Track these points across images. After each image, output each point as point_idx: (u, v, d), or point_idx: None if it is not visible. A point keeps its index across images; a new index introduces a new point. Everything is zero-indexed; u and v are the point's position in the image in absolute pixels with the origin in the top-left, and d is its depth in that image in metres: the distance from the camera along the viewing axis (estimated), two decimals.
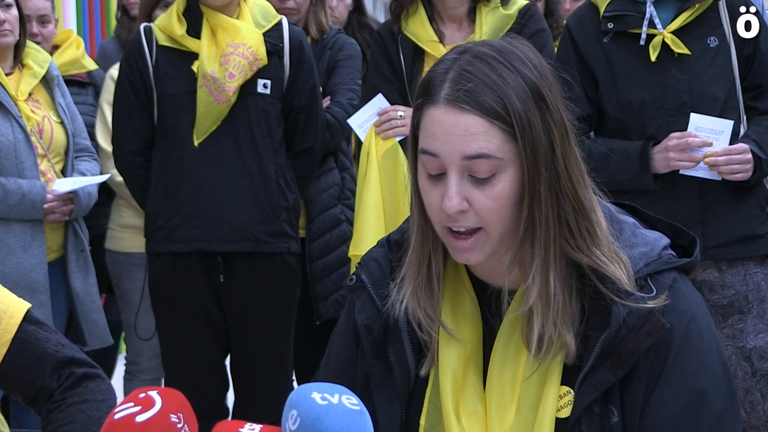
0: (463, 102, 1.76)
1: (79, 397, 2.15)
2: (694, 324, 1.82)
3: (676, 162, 3.60)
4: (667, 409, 1.78)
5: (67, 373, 2.18)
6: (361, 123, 4.09)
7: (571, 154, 1.81)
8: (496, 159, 1.76)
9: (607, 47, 3.70)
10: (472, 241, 1.80)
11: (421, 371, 1.89)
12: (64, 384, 2.17)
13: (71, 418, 2.12)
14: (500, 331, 1.86)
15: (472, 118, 1.76)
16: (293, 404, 1.58)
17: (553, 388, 1.80)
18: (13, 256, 4.04)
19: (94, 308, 4.26)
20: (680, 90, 3.64)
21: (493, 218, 1.78)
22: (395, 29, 4.04)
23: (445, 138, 1.77)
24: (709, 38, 3.67)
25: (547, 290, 1.80)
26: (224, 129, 4.05)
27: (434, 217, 1.83)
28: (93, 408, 2.13)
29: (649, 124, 3.66)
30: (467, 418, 1.84)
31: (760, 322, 3.70)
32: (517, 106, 1.75)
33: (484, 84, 1.76)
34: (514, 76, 1.77)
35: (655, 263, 1.83)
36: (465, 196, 1.77)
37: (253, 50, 4.04)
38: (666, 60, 3.65)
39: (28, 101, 4.26)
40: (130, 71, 4.13)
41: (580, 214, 1.80)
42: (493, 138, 1.76)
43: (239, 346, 4.15)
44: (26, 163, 4.14)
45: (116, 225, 4.82)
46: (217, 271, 4.08)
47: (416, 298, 1.87)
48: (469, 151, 1.76)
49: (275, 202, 4.09)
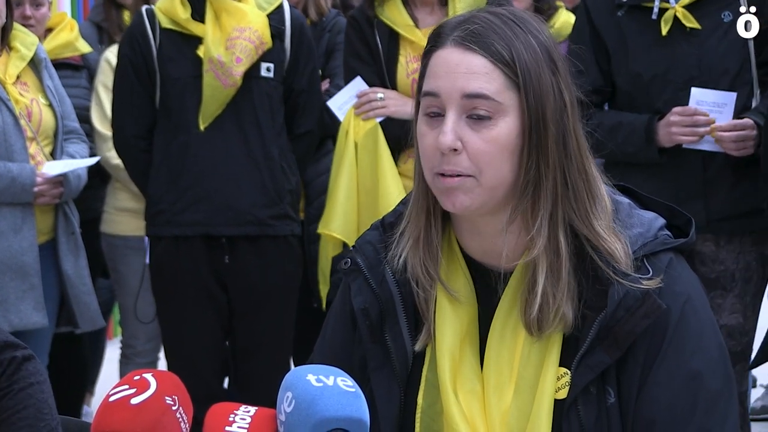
0: (470, 41, 1.78)
1: (24, 382, 2.18)
2: (690, 305, 1.82)
3: (679, 136, 3.63)
4: (663, 390, 1.79)
5: (9, 358, 2.20)
6: (341, 105, 4.14)
7: (579, 125, 1.82)
8: (495, 102, 1.77)
9: (620, 21, 3.73)
10: (459, 180, 1.78)
11: (416, 346, 1.89)
12: (7, 370, 2.19)
13: (22, 404, 2.16)
14: (498, 308, 1.86)
15: (476, 58, 1.78)
16: (288, 386, 1.58)
17: (551, 368, 1.80)
18: (3, 240, 4.02)
19: (85, 290, 4.26)
20: (689, 64, 3.66)
21: (486, 164, 1.78)
22: (370, 14, 4.05)
23: (447, 75, 1.79)
24: (723, 13, 3.69)
25: (556, 247, 1.79)
26: (229, 113, 4.07)
27: (428, 163, 1.81)
28: (39, 390, 2.18)
29: (658, 98, 3.69)
30: (465, 396, 1.84)
31: (738, 302, 3.73)
32: (523, 57, 1.77)
33: (494, 31, 1.79)
34: (525, 35, 1.80)
35: (651, 244, 1.83)
36: (460, 137, 1.78)
37: (258, 34, 4.05)
38: (677, 34, 3.68)
39: (16, 84, 4.23)
40: (133, 54, 4.12)
41: (585, 181, 1.81)
42: (494, 81, 1.77)
43: (242, 326, 4.16)
44: (15, 146, 4.12)
45: (112, 208, 4.80)
46: (221, 252, 4.09)
47: (416, 251, 1.87)
48: (469, 88, 1.77)
49: (279, 185, 4.11)
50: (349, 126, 4.05)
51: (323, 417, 1.52)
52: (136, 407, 1.56)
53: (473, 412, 1.83)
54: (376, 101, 4.01)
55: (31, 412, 2.16)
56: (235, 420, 1.59)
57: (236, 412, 1.61)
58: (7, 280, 4.00)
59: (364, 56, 4.07)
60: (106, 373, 5.72)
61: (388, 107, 3.98)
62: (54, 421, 2.19)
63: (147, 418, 1.56)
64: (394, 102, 3.98)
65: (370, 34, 4.04)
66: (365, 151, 4.00)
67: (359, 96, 4.05)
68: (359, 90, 4.06)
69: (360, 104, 4.03)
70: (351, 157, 4.01)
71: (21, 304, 4.01)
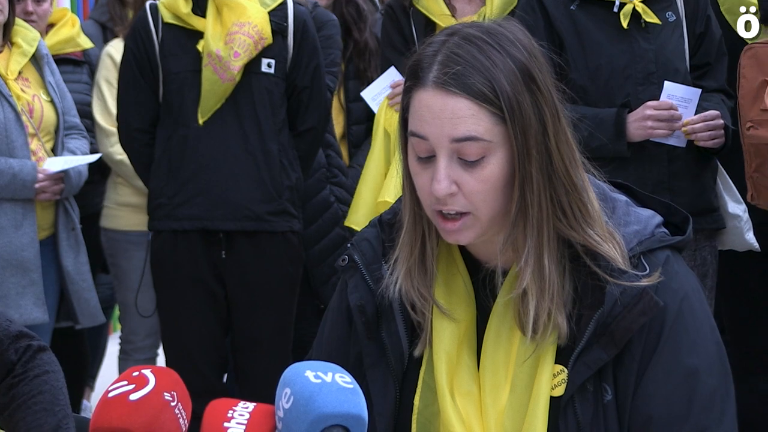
0: (451, 85, 1.75)
1: (40, 369, 2.22)
2: (687, 302, 1.82)
3: (654, 130, 3.60)
4: (660, 387, 1.79)
5: (24, 346, 2.24)
6: (375, 95, 4.11)
7: (563, 135, 1.81)
8: (485, 141, 1.76)
9: (574, 14, 3.68)
10: (460, 224, 1.80)
11: (415, 352, 1.90)
12: (23, 357, 2.23)
13: (38, 389, 2.19)
14: (493, 311, 1.86)
15: (460, 101, 1.75)
16: (287, 382, 1.58)
17: (547, 369, 1.81)
18: (4, 236, 4.03)
19: (85, 286, 4.26)
20: (648, 59, 3.65)
21: (483, 201, 1.78)
22: (406, 3, 4.03)
23: (433, 121, 1.77)
24: (666, 13, 3.69)
25: (540, 272, 1.80)
26: (228, 108, 4.06)
27: (424, 200, 1.83)
28: (54, 378, 2.22)
29: (618, 93, 3.65)
30: (462, 397, 1.85)
31: None
32: (506, 89, 1.75)
33: (472, 66, 1.75)
34: (503, 58, 1.76)
35: (648, 241, 1.83)
36: (454, 179, 1.77)
37: (258, 29, 4.05)
38: (633, 29, 3.66)
39: (17, 80, 4.24)
40: (136, 48, 4.13)
41: (572, 195, 1.80)
42: (482, 121, 1.75)
43: (240, 322, 4.16)
44: (17, 142, 4.13)
45: (113, 203, 4.80)
46: (218, 247, 4.09)
47: (410, 278, 1.88)
48: (457, 133, 1.75)
49: (278, 181, 4.10)
50: (382, 118, 4.03)
51: (321, 413, 1.53)
52: (135, 403, 1.56)
53: (470, 414, 1.84)
54: None
55: (47, 397, 2.19)
56: (234, 416, 1.59)
57: (235, 408, 1.61)
58: (8, 276, 4.00)
59: (398, 46, 4.04)
60: (105, 368, 5.73)
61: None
62: (68, 409, 2.22)
63: (145, 414, 1.56)
64: None
65: (406, 24, 4.02)
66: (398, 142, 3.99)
67: (393, 86, 4.02)
68: (393, 80, 4.03)
69: (393, 95, 4.01)
70: (379, 150, 3.99)
71: (21, 299, 4.01)
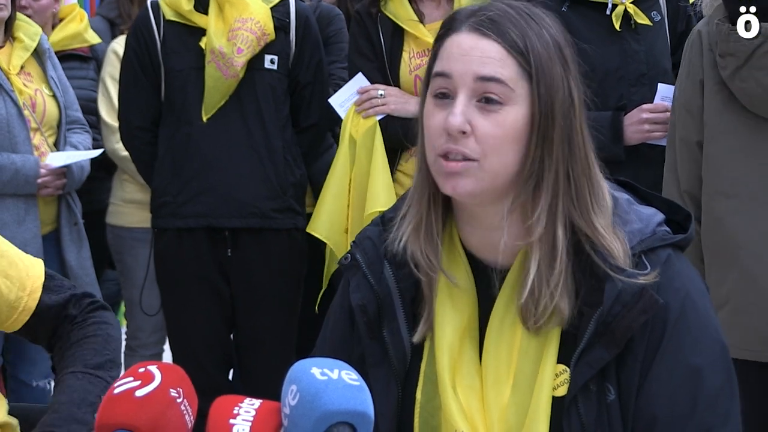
0: (486, 27, 1.80)
1: (99, 319, 2.29)
2: (689, 301, 1.82)
3: (650, 133, 3.61)
4: (663, 386, 1.79)
5: (89, 301, 2.32)
6: (342, 102, 4.06)
7: (585, 124, 1.83)
8: (508, 88, 1.78)
9: (565, 16, 3.65)
10: (462, 166, 1.79)
11: (415, 338, 1.89)
12: (86, 308, 2.30)
13: (94, 332, 2.26)
14: (496, 305, 1.86)
15: (491, 44, 1.79)
16: (293, 379, 1.58)
17: (549, 364, 1.81)
18: (7, 231, 4.02)
19: (88, 281, 4.27)
20: (638, 60, 3.65)
21: (492, 148, 1.78)
22: (373, 10, 3.99)
23: (461, 58, 1.80)
24: (652, 12, 3.70)
25: (553, 237, 1.79)
26: (232, 105, 4.05)
27: (433, 143, 1.82)
28: (112, 329, 2.29)
29: (611, 94, 3.65)
30: (464, 391, 1.85)
31: None
32: (537, 47, 1.79)
33: (509, 20, 1.81)
34: (539, 28, 1.82)
35: (649, 240, 1.83)
36: (469, 120, 1.78)
37: (261, 25, 4.04)
38: (624, 31, 3.67)
39: (20, 75, 4.24)
40: (138, 46, 4.12)
41: (588, 178, 1.81)
42: (508, 68, 1.78)
43: (245, 320, 4.15)
44: (19, 137, 4.13)
45: (119, 200, 4.79)
46: (224, 244, 4.08)
47: (416, 238, 1.87)
48: (483, 71, 1.78)
49: (283, 177, 4.09)
50: (349, 123, 4.01)
51: (327, 410, 1.53)
52: (141, 399, 1.57)
53: (472, 407, 1.84)
54: (377, 98, 3.96)
55: (99, 341, 2.24)
56: (240, 413, 1.58)
57: (241, 405, 1.60)
58: None
59: (366, 52, 4.02)
60: None
61: (389, 104, 3.91)
62: (118, 359, 2.27)
63: (151, 410, 1.57)
64: (395, 99, 3.91)
65: (373, 30, 3.99)
66: (363, 149, 3.93)
67: (360, 93, 4.01)
68: (360, 86, 4.01)
69: (361, 101, 3.98)
70: (345, 156, 3.94)
71: None
